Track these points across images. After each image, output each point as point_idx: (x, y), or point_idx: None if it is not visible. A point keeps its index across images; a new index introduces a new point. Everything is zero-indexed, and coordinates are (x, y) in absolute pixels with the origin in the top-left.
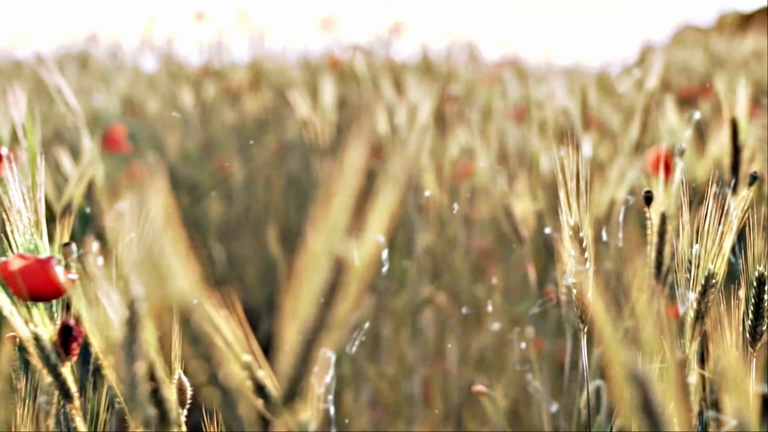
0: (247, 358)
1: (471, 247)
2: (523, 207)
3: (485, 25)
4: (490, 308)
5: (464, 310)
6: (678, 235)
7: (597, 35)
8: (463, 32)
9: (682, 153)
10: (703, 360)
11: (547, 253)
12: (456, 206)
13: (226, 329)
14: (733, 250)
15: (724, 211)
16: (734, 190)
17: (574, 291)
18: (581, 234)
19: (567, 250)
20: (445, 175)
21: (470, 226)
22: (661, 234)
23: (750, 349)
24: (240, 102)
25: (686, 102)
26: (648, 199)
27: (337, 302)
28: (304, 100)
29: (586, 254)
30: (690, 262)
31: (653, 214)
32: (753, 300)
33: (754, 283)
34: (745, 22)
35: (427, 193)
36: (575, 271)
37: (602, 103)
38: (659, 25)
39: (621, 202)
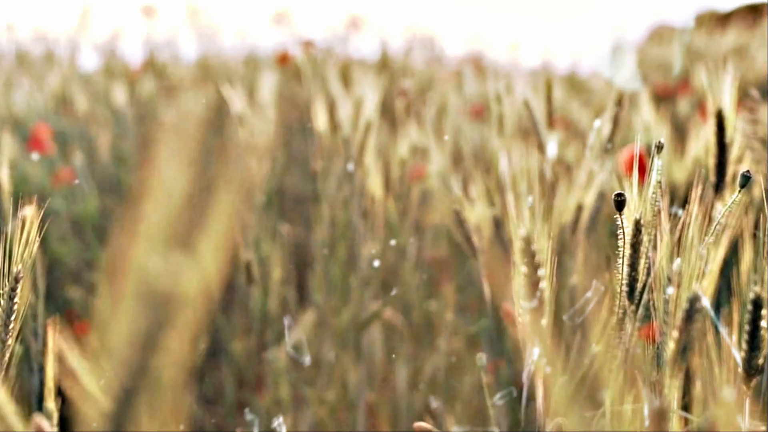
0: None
1: (422, 257)
2: (478, 213)
3: (448, 22)
4: (443, 327)
5: (415, 328)
6: (655, 247)
7: (568, 35)
8: (424, 28)
9: (660, 149)
10: (685, 400)
11: (506, 265)
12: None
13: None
14: (724, 266)
15: (712, 219)
16: (719, 194)
17: (525, 317)
18: (533, 247)
19: (517, 266)
20: (394, 176)
21: (421, 234)
22: (635, 245)
23: (743, 386)
24: (180, 100)
25: (663, 99)
26: (619, 203)
27: (158, 343)
28: (240, 95)
29: (541, 271)
30: (670, 280)
31: (626, 221)
32: (747, 326)
33: (749, 306)
34: (723, 21)
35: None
36: (525, 291)
37: (570, 100)
38: (634, 25)
39: (589, 208)
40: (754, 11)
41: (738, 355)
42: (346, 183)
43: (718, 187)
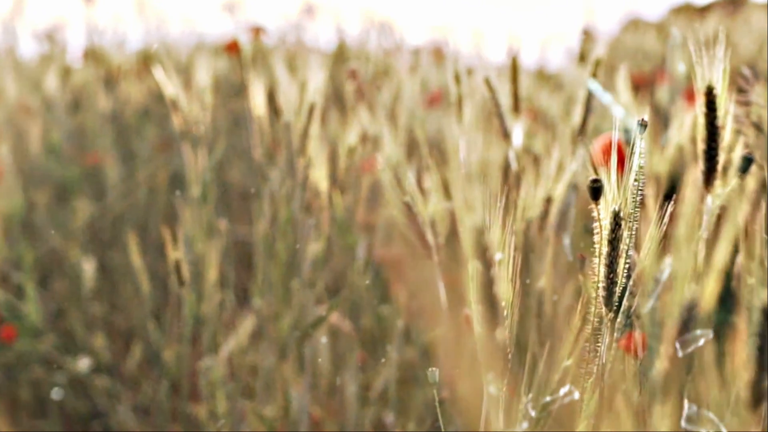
0: None
1: (372, 257)
2: (433, 207)
3: (409, 9)
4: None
5: (365, 334)
6: (638, 245)
7: (535, 25)
8: (383, 15)
9: (643, 128)
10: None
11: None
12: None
13: None
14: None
15: (702, 211)
16: (710, 184)
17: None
18: (485, 238)
19: (468, 263)
20: (342, 167)
21: (372, 231)
22: (614, 241)
23: (750, 410)
24: (120, 89)
25: (640, 88)
26: (595, 190)
27: None
28: (175, 81)
29: (496, 270)
30: (657, 282)
31: (603, 213)
32: (755, 340)
33: (755, 316)
34: (702, 13)
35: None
36: (478, 293)
37: (539, 90)
38: (604, 18)
39: (559, 201)
40: (733, 3)
41: None
42: (288, 174)
43: (709, 176)
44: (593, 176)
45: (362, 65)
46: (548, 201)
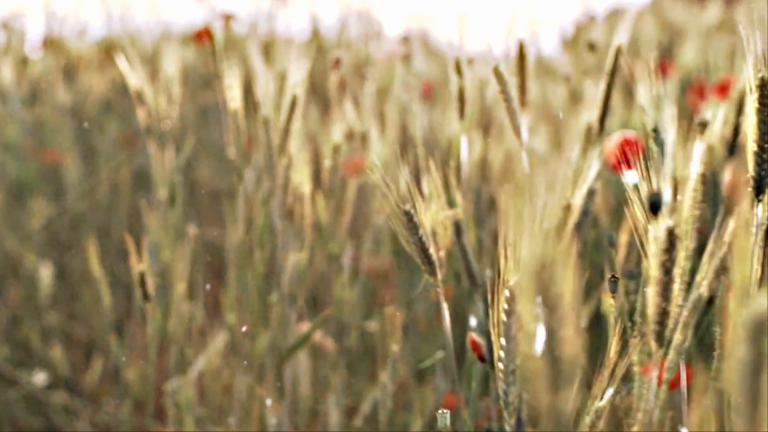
0: None
1: (360, 268)
2: (434, 215)
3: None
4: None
5: (351, 354)
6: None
7: (524, 11)
8: (360, 3)
9: (704, 126)
10: None
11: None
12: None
13: None
14: None
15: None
16: (760, 192)
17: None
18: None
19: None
20: (326, 167)
21: (359, 239)
22: (667, 264)
23: None
24: (80, 80)
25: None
26: (655, 205)
27: None
28: (139, 72)
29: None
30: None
31: (661, 231)
32: None
33: None
34: (699, 2)
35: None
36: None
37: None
38: (587, 7)
39: (578, 209)
40: None
41: None
42: (266, 175)
43: (760, 183)
44: (654, 190)
45: (344, 55)
46: (567, 209)
